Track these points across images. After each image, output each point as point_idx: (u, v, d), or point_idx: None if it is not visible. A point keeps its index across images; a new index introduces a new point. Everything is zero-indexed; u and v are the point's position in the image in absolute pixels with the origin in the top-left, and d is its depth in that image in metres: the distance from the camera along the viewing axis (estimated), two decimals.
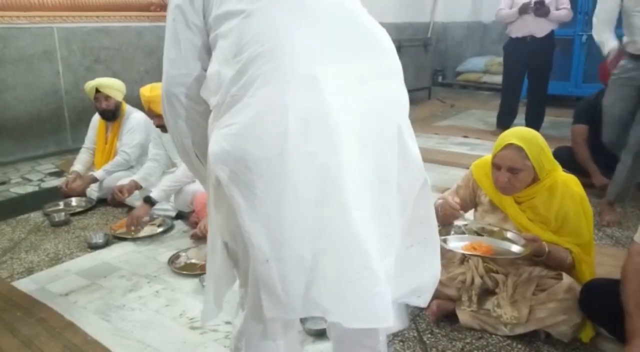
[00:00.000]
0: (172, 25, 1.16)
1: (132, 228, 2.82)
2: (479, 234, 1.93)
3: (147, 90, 2.83)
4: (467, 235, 1.93)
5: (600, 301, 1.69)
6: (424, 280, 1.21)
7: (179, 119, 1.22)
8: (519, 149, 1.80)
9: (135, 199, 3.12)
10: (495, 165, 1.86)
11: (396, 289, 1.12)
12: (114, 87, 3.35)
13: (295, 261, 1.01)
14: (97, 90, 3.31)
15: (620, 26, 2.95)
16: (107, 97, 3.32)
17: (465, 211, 2.05)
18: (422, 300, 1.23)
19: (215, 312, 1.22)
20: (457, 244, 1.88)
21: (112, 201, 3.21)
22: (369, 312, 1.03)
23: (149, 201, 2.81)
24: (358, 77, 1.07)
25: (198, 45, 1.15)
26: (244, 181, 1.01)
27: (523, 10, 4.73)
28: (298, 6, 1.07)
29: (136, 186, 3.06)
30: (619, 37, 2.96)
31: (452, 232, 1.95)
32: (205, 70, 1.15)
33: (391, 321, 1.04)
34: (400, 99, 1.16)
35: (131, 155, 3.36)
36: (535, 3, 4.65)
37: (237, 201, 1.01)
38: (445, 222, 1.99)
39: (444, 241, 1.88)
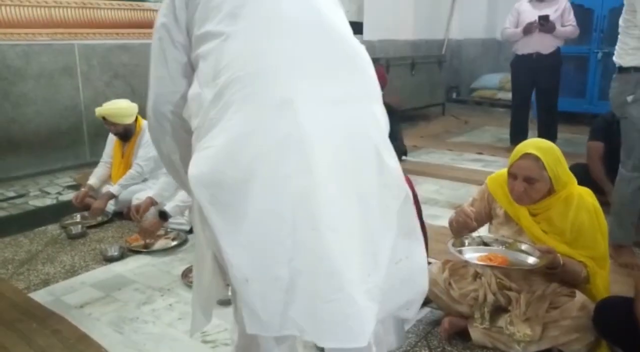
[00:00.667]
0: (158, 43, 1.19)
1: (146, 241, 2.85)
2: (493, 246, 1.92)
3: None
4: (482, 246, 1.93)
5: (614, 319, 1.67)
6: (414, 294, 1.22)
7: (166, 135, 1.25)
8: (536, 158, 1.80)
9: (149, 214, 3.15)
10: (512, 175, 1.86)
11: (387, 305, 1.13)
12: (119, 114, 3.32)
13: (272, 281, 1.04)
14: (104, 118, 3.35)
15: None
16: (115, 124, 3.35)
17: (480, 224, 2.05)
18: (411, 312, 1.24)
19: (205, 323, 1.23)
20: (472, 255, 1.88)
21: (128, 214, 3.25)
22: (343, 331, 1.05)
23: (164, 216, 2.83)
24: (335, 100, 1.10)
25: (184, 63, 1.19)
26: (222, 203, 1.04)
27: (527, 30, 4.74)
28: (277, 30, 1.10)
29: (152, 203, 3.08)
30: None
31: (467, 244, 1.94)
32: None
33: (366, 341, 1.05)
34: (377, 120, 1.17)
35: (144, 168, 3.39)
36: (539, 17, 4.65)
37: (216, 224, 1.05)
38: (460, 232, 1.99)
39: (459, 252, 1.88)
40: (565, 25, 4.76)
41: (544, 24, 4.64)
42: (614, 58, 2.70)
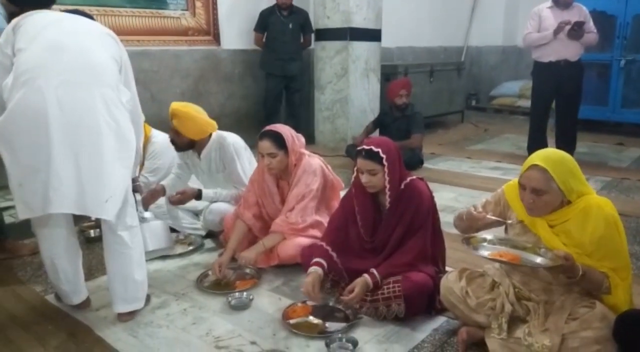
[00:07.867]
0: None
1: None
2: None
3: (176, 105, 2.98)
4: (496, 246, 1.91)
5: (636, 333, 1.62)
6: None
7: None
8: (544, 170, 1.77)
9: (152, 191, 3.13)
10: (521, 186, 1.84)
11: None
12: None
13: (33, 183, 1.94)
14: None
15: None
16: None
17: (491, 226, 2.03)
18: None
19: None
20: (483, 252, 1.88)
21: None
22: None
23: (199, 195, 2.97)
24: (76, 86, 1.94)
25: (6, 66, 1.97)
26: (6, 142, 1.92)
27: (558, 30, 4.57)
28: (49, 49, 1.95)
29: (163, 192, 3.07)
30: None
31: (485, 244, 1.93)
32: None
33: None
34: (106, 98, 2.01)
35: (150, 178, 3.33)
36: (575, 23, 4.52)
37: (4, 154, 1.94)
38: (469, 228, 2.04)
39: (475, 248, 1.90)
40: (588, 32, 4.66)
41: (577, 29, 4.54)
42: None
